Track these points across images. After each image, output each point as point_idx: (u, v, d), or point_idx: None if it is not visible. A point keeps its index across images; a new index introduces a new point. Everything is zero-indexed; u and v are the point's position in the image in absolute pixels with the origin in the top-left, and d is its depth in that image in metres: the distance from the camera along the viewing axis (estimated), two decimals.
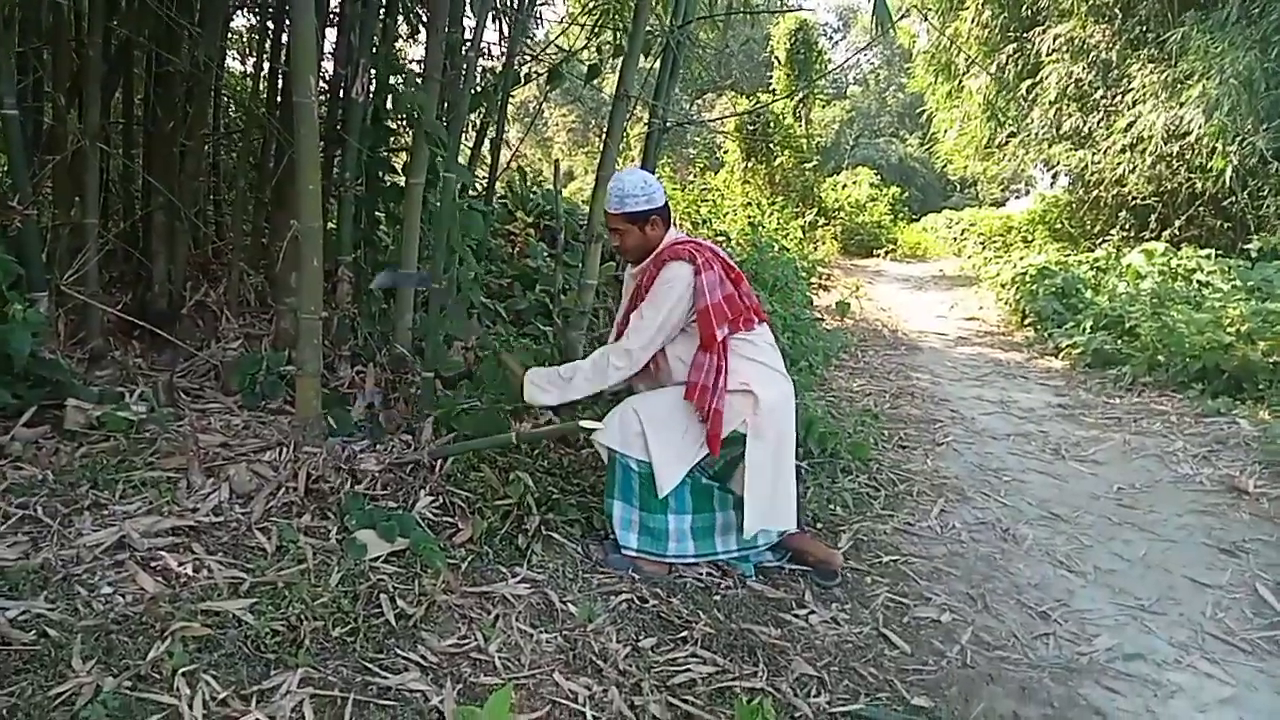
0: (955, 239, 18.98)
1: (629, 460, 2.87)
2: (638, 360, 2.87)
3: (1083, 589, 3.16)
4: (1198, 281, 8.21)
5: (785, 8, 11.10)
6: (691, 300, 2.82)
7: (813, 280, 11.41)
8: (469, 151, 5.20)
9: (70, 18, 3.91)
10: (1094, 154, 11.66)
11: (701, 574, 2.97)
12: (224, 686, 1.94)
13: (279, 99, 4.44)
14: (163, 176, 4.01)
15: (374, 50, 3.86)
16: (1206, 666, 2.66)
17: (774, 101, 18.54)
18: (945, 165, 17.06)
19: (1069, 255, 11.76)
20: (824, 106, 28.41)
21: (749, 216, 12.64)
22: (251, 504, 2.74)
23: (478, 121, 5.16)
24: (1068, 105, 11.98)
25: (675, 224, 3.12)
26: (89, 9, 3.66)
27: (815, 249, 16.22)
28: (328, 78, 4.30)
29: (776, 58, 20.98)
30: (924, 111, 16.57)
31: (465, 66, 3.56)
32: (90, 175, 3.64)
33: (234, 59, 5.90)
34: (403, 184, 3.78)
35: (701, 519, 2.97)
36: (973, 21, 12.99)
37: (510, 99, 4.90)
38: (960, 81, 14.06)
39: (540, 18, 4.89)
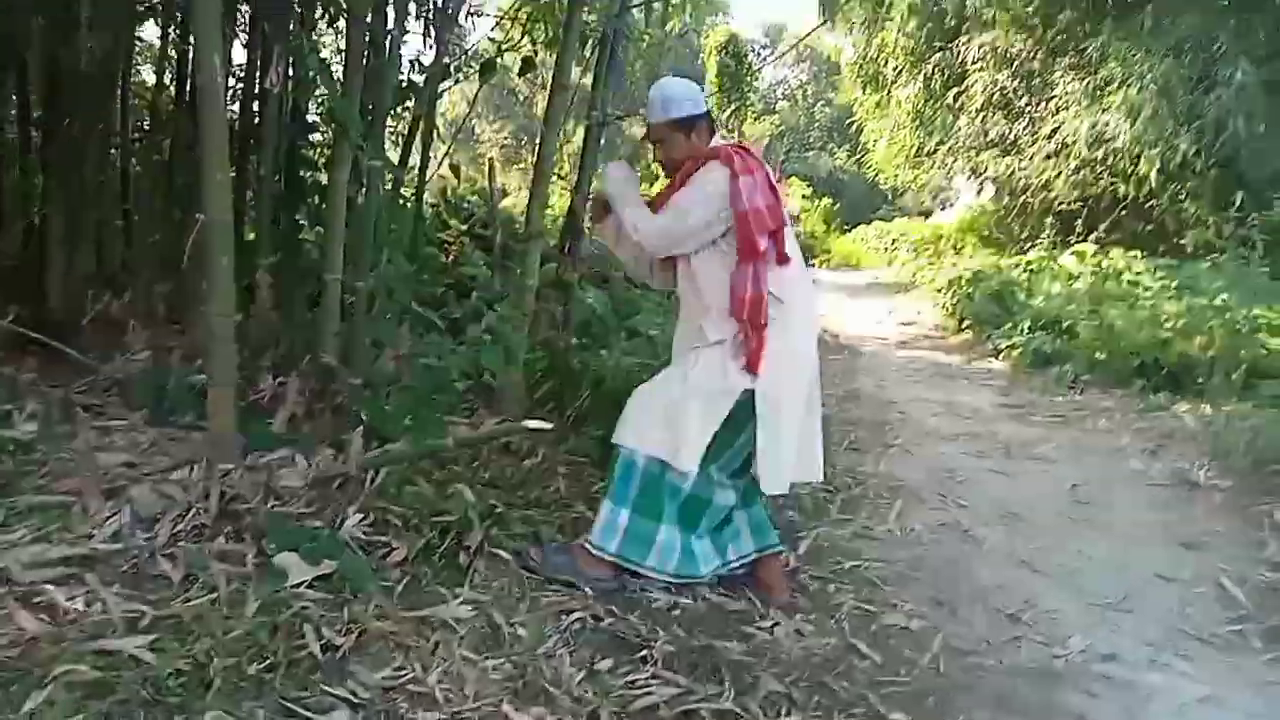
0: (886, 249, 19.30)
1: (636, 457, 2.68)
2: (662, 234, 2.72)
3: (1049, 589, 3.06)
4: (1128, 281, 8.37)
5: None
6: (726, 204, 2.60)
7: None
8: (399, 156, 4.96)
9: None
10: (1020, 160, 11.93)
11: (657, 588, 2.77)
12: None
13: (189, 94, 4.15)
14: (62, 181, 3.70)
15: (289, 38, 3.61)
16: (1181, 665, 2.57)
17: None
18: (876, 175, 17.34)
19: (999, 261, 11.97)
20: (755, 121, 28.75)
21: None
22: (157, 528, 2.45)
23: (407, 125, 4.92)
24: (993, 113, 12.26)
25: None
26: None
27: None
28: (240, 72, 4.03)
29: (705, 70, 21.10)
30: (853, 123, 16.82)
31: (388, 55, 3.34)
32: None
33: (143, 56, 5.56)
34: (324, 180, 3.53)
35: (684, 539, 2.76)
36: (899, 31, 13.21)
37: (441, 112, 4.69)
38: (889, 91, 14.30)
39: (473, 9, 4.67)
